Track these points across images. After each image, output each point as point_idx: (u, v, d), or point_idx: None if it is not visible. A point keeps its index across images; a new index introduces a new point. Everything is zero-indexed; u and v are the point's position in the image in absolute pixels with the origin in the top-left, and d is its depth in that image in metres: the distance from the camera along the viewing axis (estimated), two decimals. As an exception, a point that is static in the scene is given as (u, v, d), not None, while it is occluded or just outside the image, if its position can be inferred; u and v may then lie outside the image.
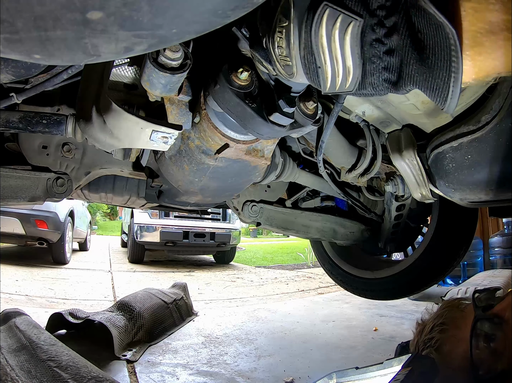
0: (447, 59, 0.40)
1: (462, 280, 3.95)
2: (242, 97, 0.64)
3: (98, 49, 0.32)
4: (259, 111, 0.65)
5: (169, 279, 4.28)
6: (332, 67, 0.45)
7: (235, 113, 0.67)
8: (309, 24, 0.43)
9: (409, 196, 1.29)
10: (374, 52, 0.44)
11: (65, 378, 1.14)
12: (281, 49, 0.49)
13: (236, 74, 0.63)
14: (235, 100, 0.65)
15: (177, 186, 1.06)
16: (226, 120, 0.75)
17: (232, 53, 0.67)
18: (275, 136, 0.76)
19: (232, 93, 0.64)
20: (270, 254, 9.53)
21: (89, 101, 0.75)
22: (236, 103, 0.65)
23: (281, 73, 0.55)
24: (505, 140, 0.71)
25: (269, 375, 1.58)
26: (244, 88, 0.64)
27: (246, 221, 1.45)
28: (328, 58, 0.45)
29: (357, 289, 1.99)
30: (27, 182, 1.11)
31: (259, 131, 0.69)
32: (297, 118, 0.71)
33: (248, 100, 0.65)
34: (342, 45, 0.43)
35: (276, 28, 0.48)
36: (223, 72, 0.63)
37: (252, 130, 0.69)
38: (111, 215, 26.65)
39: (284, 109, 0.64)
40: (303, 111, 0.70)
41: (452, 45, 0.39)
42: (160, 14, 0.29)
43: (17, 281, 3.49)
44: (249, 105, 0.65)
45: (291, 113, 0.66)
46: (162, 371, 1.56)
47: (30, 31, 0.29)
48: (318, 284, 4.54)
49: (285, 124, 0.67)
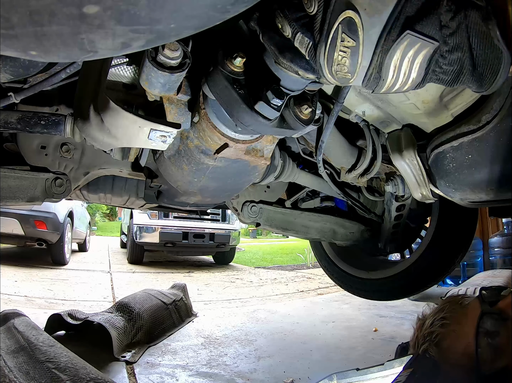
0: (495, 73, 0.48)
1: (462, 281, 3.95)
2: (230, 81, 0.63)
3: (95, 45, 0.32)
4: (245, 98, 0.63)
5: (169, 280, 4.27)
6: (396, 79, 0.48)
7: (222, 97, 0.66)
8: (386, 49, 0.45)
9: (409, 196, 1.29)
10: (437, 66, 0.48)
11: (64, 380, 1.13)
12: (342, 67, 0.49)
13: (231, 59, 0.62)
14: (224, 84, 0.63)
15: (176, 187, 1.05)
16: (225, 120, 0.74)
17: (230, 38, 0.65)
18: (259, 130, 0.72)
19: (222, 76, 0.63)
20: (269, 254, 9.53)
21: (87, 100, 0.74)
22: (224, 87, 0.64)
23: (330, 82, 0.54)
24: (506, 139, 0.71)
25: (269, 376, 1.57)
26: (235, 74, 0.63)
27: (246, 221, 1.44)
28: (396, 74, 0.47)
29: (351, 288, 2.01)
30: (25, 183, 1.10)
31: (243, 120, 0.66)
32: (289, 120, 0.69)
33: (236, 86, 0.63)
34: (412, 63, 0.47)
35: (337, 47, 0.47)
36: (218, 56, 0.63)
37: (236, 119, 0.67)
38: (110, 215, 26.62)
39: (271, 100, 0.62)
40: (297, 114, 0.68)
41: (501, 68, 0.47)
42: (158, 8, 0.29)
43: (16, 282, 3.48)
44: (236, 90, 0.63)
45: (277, 106, 0.63)
46: (161, 372, 1.55)
47: (25, 26, 0.28)
48: (318, 285, 4.53)
49: (270, 117, 0.64)
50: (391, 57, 0.46)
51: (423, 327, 0.86)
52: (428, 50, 0.46)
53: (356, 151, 1.15)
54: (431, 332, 0.83)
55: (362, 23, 0.44)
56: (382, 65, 0.47)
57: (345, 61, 0.47)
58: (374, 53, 0.46)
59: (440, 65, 0.47)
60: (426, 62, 0.47)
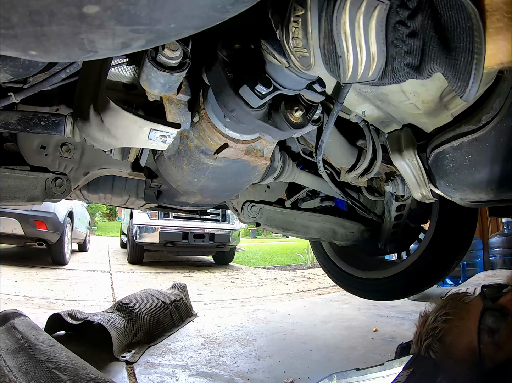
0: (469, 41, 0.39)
1: (462, 281, 3.95)
2: (222, 64, 0.63)
3: (95, 45, 0.32)
4: (232, 81, 0.63)
5: (169, 280, 4.28)
6: (355, 55, 0.43)
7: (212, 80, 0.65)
8: (330, 11, 0.41)
9: (409, 196, 1.29)
10: (397, 35, 0.42)
11: (64, 380, 1.13)
12: (297, 40, 0.46)
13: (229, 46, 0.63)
14: (216, 66, 0.63)
15: (176, 187, 1.05)
16: (225, 120, 0.74)
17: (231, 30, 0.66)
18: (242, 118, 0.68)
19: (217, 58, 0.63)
20: (269, 254, 9.52)
21: (86, 100, 0.74)
22: (216, 69, 0.64)
23: (296, 66, 0.53)
24: (506, 139, 0.71)
25: (269, 376, 1.57)
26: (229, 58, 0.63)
27: (246, 221, 1.44)
28: (351, 46, 0.42)
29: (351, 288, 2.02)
30: (25, 183, 1.10)
31: (227, 105, 0.65)
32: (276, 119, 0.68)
33: (227, 69, 0.63)
34: (366, 31, 0.41)
35: (290, 18, 0.45)
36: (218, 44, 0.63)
37: (221, 103, 0.67)
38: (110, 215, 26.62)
39: (255, 86, 0.60)
40: (286, 116, 0.67)
41: (475, 25, 0.38)
42: (158, 8, 0.28)
43: (16, 282, 3.48)
44: (225, 72, 0.63)
45: (261, 94, 0.61)
46: (161, 372, 1.55)
47: (25, 26, 0.28)
48: (318, 285, 4.53)
49: (252, 103, 0.62)
50: (338, 22, 0.41)
51: (426, 323, 0.87)
52: (379, 12, 0.39)
53: (356, 151, 1.15)
54: (434, 328, 0.83)
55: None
56: (332, 34, 0.42)
57: (298, 33, 0.45)
58: (319, 17, 0.42)
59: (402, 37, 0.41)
60: (382, 29, 0.40)
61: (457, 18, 0.39)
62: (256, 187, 1.46)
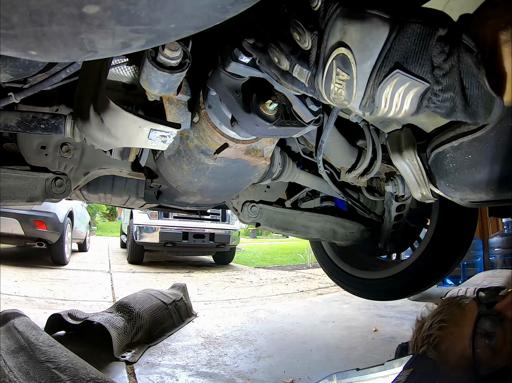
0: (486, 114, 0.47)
1: (462, 281, 3.95)
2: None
3: (94, 45, 0.32)
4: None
5: (169, 280, 4.28)
6: (389, 108, 0.49)
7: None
8: (377, 83, 0.47)
9: (409, 196, 1.29)
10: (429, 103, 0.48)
11: (64, 380, 1.13)
12: (339, 96, 0.50)
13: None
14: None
15: (176, 187, 1.05)
16: (225, 119, 0.74)
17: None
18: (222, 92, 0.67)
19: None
20: (269, 254, 9.52)
21: (86, 100, 0.74)
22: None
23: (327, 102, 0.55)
24: (506, 139, 0.71)
25: (269, 376, 1.57)
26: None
27: (246, 221, 1.44)
28: (389, 104, 0.48)
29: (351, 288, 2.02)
30: (25, 183, 1.10)
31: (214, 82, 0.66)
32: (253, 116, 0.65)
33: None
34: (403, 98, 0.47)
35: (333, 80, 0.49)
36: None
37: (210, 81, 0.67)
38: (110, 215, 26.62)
39: (239, 57, 0.60)
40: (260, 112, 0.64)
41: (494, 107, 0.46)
42: (158, 8, 0.28)
43: (16, 282, 3.48)
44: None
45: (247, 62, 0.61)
46: (161, 372, 1.55)
47: (25, 26, 0.28)
48: (318, 285, 4.53)
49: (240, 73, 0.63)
50: (382, 91, 0.47)
51: (422, 329, 0.87)
52: (419, 89, 0.46)
53: (356, 151, 1.15)
54: (429, 335, 0.83)
55: (354, 59, 0.46)
56: (375, 96, 0.48)
57: (341, 92, 0.49)
58: (367, 85, 0.48)
59: (433, 101, 0.48)
60: (418, 98, 0.47)
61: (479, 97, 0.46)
62: (256, 187, 1.46)
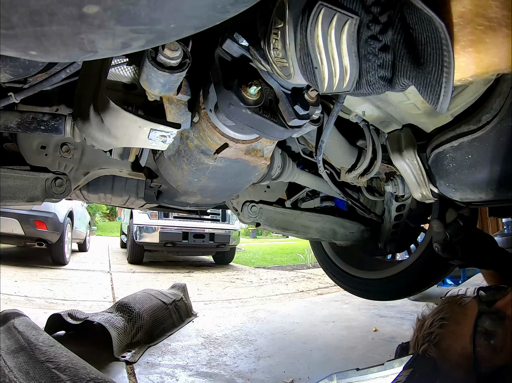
0: (438, 54, 0.39)
1: (462, 281, 3.94)
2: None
3: (95, 45, 0.32)
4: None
5: (169, 280, 4.27)
6: (329, 67, 0.45)
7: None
8: (304, 24, 0.43)
9: (409, 196, 1.29)
10: (369, 49, 0.44)
11: (64, 380, 1.13)
12: (277, 51, 0.48)
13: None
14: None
15: (176, 187, 1.05)
16: (225, 120, 0.74)
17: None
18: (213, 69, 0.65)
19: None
20: (269, 254, 9.52)
21: (86, 100, 0.74)
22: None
23: (279, 74, 0.55)
24: (506, 139, 0.71)
25: (269, 376, 1.57)
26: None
27: (246, 221, 1.44)
28: (325, 58, 0.44)
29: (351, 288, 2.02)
30: (25, 183, 1.10)
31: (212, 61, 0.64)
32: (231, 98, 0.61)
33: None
34: (338, 44, 0.43)
35: (271, 30, 0.48)
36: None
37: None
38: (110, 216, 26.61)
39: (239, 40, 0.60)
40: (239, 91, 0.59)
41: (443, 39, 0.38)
42: (158, 8, 0.28)
43: (16, 282, 3.48)
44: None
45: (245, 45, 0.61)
46: (161, 372, 1.55)
47: (25, 26, 0.28)
48: (318, 285, 4.53)
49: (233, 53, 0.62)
50: (312, 35, 0.43)
51: (423, 327, 0.87)
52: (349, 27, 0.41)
53: (356, 151, 1.15)
54: (430, 333, 0.83)
55: (288, 3, 0.44)
56: (307, 47, 0.44)
57: (277, 44, 0.47)
58: (295, 30, 0.44)
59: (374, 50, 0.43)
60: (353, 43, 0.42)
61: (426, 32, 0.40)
62: (256, 187, 1.46)
